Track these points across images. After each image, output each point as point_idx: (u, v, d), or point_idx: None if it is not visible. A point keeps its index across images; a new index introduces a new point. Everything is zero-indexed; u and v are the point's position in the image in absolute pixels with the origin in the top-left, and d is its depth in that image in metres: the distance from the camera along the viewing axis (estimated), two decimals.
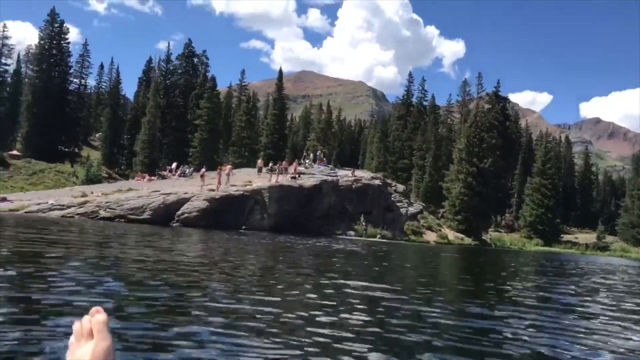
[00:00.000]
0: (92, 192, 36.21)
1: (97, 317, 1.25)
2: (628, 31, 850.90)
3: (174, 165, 50.89)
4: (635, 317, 6.05)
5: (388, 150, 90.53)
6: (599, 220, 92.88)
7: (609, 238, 79.95)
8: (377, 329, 3.76)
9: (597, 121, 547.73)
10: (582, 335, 4.50)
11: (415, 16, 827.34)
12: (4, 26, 75.79)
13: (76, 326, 1.25)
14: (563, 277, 13.67)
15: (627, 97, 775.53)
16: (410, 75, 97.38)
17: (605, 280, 13.61)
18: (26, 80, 77.69)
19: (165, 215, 31.08)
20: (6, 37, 74.56)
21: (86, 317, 1.25)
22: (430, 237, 50.22)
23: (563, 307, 6.16)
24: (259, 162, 45.41)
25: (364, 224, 41.78)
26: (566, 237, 77.10)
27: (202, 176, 37.42)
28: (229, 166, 41.76)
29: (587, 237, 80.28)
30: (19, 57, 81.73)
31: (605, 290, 9.93)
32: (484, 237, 61.74)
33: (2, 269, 5.51)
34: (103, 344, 1.21)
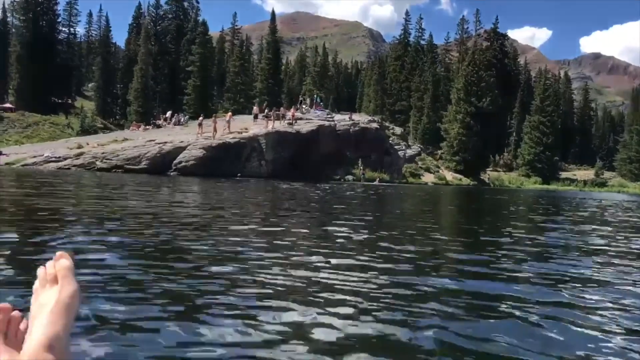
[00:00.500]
0: (87, 143, 35.95)
1: (61, 262, 1.21)
2: None
3: (168, 113, 50.33)
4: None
5: (385, 93, 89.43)
6: (598, 156, 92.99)
7: (607, 174, 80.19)
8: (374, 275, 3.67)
9: (597, 56, 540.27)
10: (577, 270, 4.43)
11: None
12: None
13: (40, 271, 1.23)
14: (558, 213, 13.67)
15: (629, 29, 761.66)
16: (407, 13, 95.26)
17: (603, 215, 13.64)
18: (13, 30, 75.83)
19: (162, 164, 30.94)
20: None
21: (50, 262, 1.22)
22: (429, 178, 50.37)
23: (559, 244, 6.09)
24: (255, 108, 44.85)
25: (361, 168, 41.77)
26: (564, 175, 77.35)
27: (200, 124, 36.97)
28: (229, 113, 41.38)
29: (585, 173, 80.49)
30: (4, 6, 79.49)
31: (603, 225, 9.89)
32: (482, 177, 61.91)
33: None
34: (68, 288, 1.17)
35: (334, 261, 4.36)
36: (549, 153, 72.14)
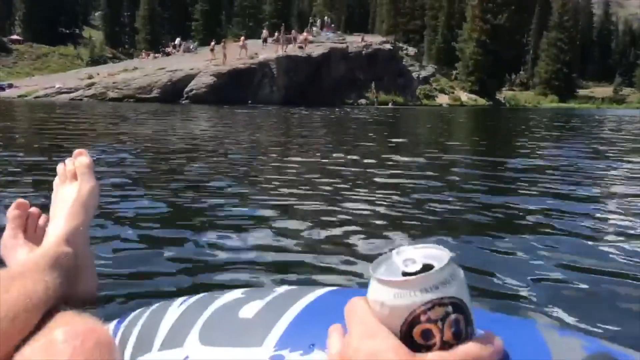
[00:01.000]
0: (98, 74, 35.73)
1: (80, 159, 1.23)
2: None
3: (177, 40, 49.47)
4: None
5: (399, 12, 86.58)
6: (617, 72, 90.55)
7: (626, 90, 78.39)
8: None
9: None
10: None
11: None
12: None
13: (60, 168, 1.24)
14: (570, 132, 13.50)
15: None
16: None
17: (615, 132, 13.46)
18: None
19: (173, 92, 30.84)
20: None
21: (69, 159, 1.24)
22: (443, 100, 49.69)
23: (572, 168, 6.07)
24: (264, 32, 43.85)
25: (374, 91, 41.24)
26: (582, 92, 75.78)
27: (211, 50, 36.47)
28: (242, 37, 40.66)
29: (604, 90, 78.71)
30: None
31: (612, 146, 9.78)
32: (497, 97, 60.91)
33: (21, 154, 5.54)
34: (88, 185, 1.19)
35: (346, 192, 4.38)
36: (566, 70, 70.39)
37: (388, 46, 46.49)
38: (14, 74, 52.89)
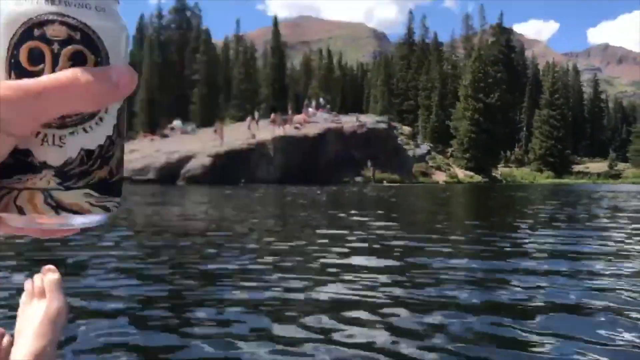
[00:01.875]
0: None
1: (49, 276, 1.20)
2: None
3: (175, 123, 50.27)
4: None
5: (392, 93, 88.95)
6: (610, 148, 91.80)
7: (620, 165, 79.07)
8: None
9: (606, 47, 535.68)
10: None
11: None
12: None
13: (27, 285, 1.21)
14: (570, 206, 13.20)
15: (636, 18, 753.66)
16: (410, 13, 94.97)
17: (620, 205, 13.17)
18: None
19: (169, 174, 30.75)
20: None
21: (38, 275, 1.21)
22: (440, 177, 49.80)
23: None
24: (256, 114, 45.60)
25: (371, 169, 41.38)
26: (577, 168, 76.39)
27: (215, 131, 37.04)
28: (249, 117, 41.68)
29: (598, 166, 79.41)
30: None
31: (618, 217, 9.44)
32: (494, 174, 61.22)
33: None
34: (56, 303, 1.16)
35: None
36: (560, 147, 71.27)
37: (383, 125, 47.18)
38: None
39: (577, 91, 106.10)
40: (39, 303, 1.15)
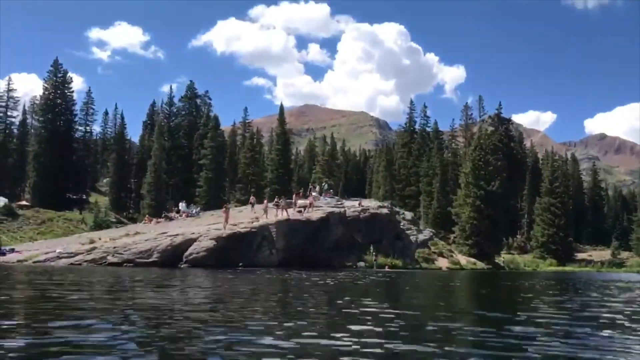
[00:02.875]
0: (99, 238, 36.21)
1: None
2: (627, 45, 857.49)
3: (180, 205, 51.03)
4: None
5: (394, 178, 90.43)
6: (612, 236, 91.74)
7: (623, 254, 78.79)
8: None
9: (603, 137, 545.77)
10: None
11: (414, 45, 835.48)
12: (10, 80, 77.45)
13: None
14: (584, 295, 13.35)
15: (631, 110, 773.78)
16: (411, 102, 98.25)
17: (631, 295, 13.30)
18: (32, 130, 78.83)
19: (173, 257, 30.94)
20: (12, 90, 76.19)
21: None
22: (442, 263, 49.66)
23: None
24: (252, 198, 48.08)
25: (374, 254, 41.40)
26: (580, 256, 76.09)
27: (224, 212, 37.54)
28: (252, 197, 42.78)
29: (601, 254, 79.15)
30: (24, 108, 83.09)
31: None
32: (496, 261, 61.00)
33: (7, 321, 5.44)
34: None
35: None
36: (562, 234, 71.40)
37: (385, 210, 47.64)
38: (17, 238, 53.62)
39: (576, 179, 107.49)
40: None
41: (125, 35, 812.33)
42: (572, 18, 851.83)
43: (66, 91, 74.39)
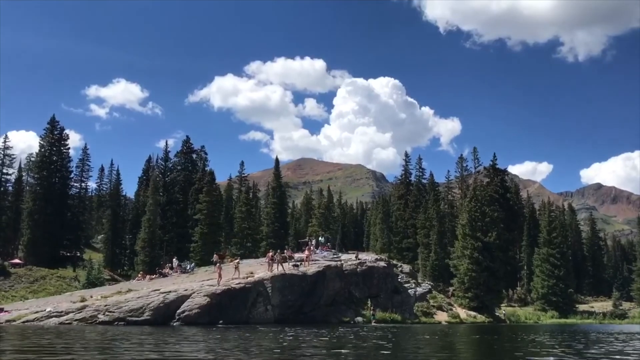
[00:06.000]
0: (91, 296, 35.49)
1: None
2: (617, 96, 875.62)
3: (174, 262, 50.39)
4: None
5: (391, 231, 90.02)
6: (613, 286, 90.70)
7: (625, 304, 77.66)
8: None
9: (599, 187, 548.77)
10: None
11: (409, 99, 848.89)
12: (6, 137, 77.79)
13: None
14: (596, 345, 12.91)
15: (625, 160, 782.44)
16: (406, 155, 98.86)
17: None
18: (27, 187, 78.66)
19: (165, 314, 30.23)
20: (8, 148, 76.28)
21: None
22: (442, 317, 48.67)
23: None
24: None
25: (372, 308, 40.61)
26: (581, 307, 74.89)
27: (235, 268, 36.57)
28: (237, 259, 41.74)
29: (602, 305, 77.97)
30: (20, 165, 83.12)
31: None
32: (497, 313, 59.89)
33: None
34: None
35: None
36: (562, 285, 70.43)
37: (382, 263, 47.09)
38: (9, 297, 52.59)
39: (574, 230, 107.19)
40: None
41: (123, 92, 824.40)
42: (564, 70, 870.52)
43: (62, 148, 74.74)
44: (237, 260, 41.20)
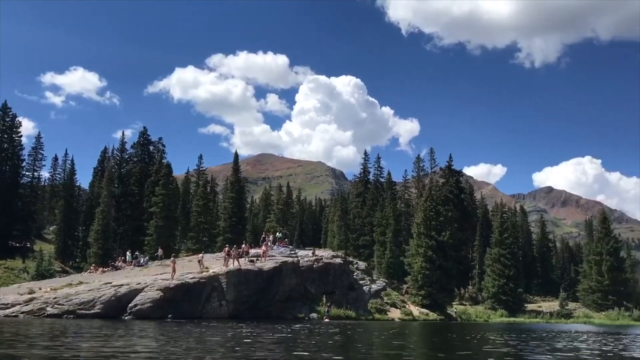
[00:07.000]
0: (40, 288, 34.56)
1: None
2: (570, 102, 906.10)
3: (127, 254, 49.52)
4: None
5: (349, 228, 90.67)
6: (560, 287, 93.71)
7: (571, 305, 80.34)
8: None
9: (550, 190, 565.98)
10: None
11: (370, 98, 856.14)
12: None
13: None
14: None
15: (575, 165, 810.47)
16: (365, 153, 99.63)
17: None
18: None
19: (117, 308, 29.80)
20: None
21: None
22: (395, 314, 49.46)
23: None
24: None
25: (327, 304, 40.96)
26: (530, 307, 77.14)
27: (199, 261, 37.16)
28: (201, 254, 41.99)
29: (550, 305, 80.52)
30: None
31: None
32: (449, 311, 61.17)
33: None
34: None
35: None
36: (512, 285, 72.37)
37: (339, 260, 47.50)
38: None
39: (525, 231, 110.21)
40: None
41: (80, 80, 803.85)
42: (521, 76, 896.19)
43: (14, 135, 72.30)
44: (202, 255, 41.50)
